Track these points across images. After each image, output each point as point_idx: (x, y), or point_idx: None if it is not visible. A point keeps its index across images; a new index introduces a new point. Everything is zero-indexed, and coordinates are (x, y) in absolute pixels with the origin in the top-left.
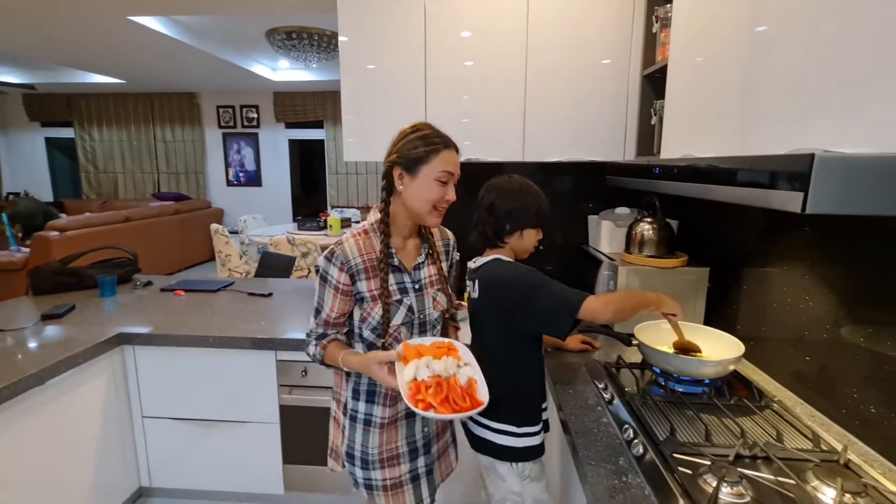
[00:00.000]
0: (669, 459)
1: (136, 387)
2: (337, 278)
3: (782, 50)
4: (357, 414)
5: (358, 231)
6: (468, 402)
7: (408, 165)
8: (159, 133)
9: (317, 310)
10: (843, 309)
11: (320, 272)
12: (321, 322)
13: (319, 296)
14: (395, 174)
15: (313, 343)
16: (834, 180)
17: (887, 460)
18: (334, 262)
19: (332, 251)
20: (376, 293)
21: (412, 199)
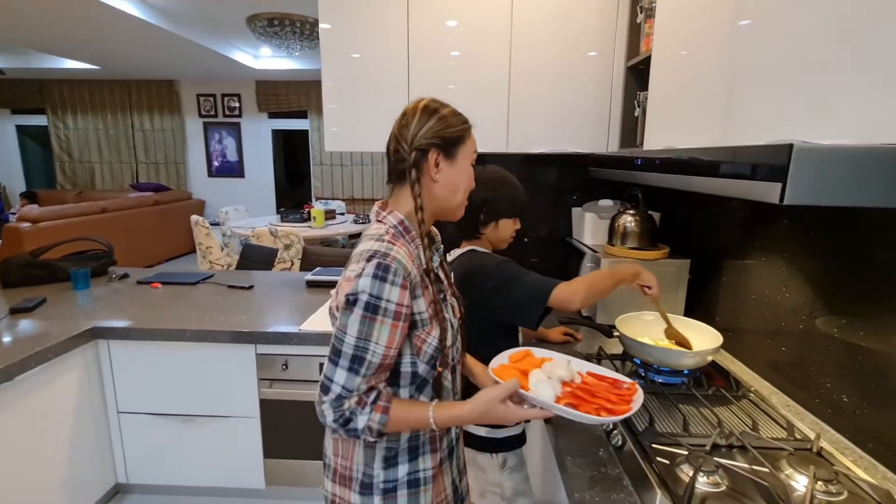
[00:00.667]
0: (648, 450)
1: (111, 382)
2: (399, 301)
3: (763, 42)
4: (397, 482)
5: (387, 235)
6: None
7: (446, 147)
8: (137, 121)
9: (356, 358)
10: (819, 300)
11: (367, 301)
12: (370, 372)
13: (363, 335)
14: (431, 159)
15: (364, 410)
16: (811, 171)
17: (858, 448)
18: (394, 279)
19: (386, 266)
20: (430, 312)
21: (448, 189)
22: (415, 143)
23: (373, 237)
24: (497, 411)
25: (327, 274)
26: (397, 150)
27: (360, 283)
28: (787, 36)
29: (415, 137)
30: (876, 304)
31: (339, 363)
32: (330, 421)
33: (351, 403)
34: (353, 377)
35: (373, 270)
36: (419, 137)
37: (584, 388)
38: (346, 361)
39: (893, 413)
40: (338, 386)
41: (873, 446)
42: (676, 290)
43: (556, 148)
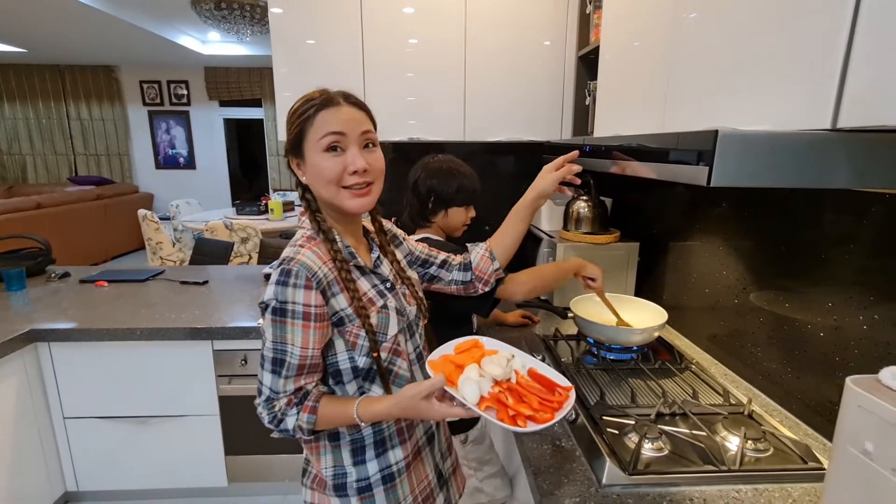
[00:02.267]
0: (599, 422)
1: (54, 387)
2: (305, 301)
3: (698, 35)
4: (369, 479)
5: (301, 239)
6: (556, 394)
7: (294, 150)
8: (73, 110)
9: (277, 360)
10: (751, 277)
11: (273, 306)
12: (291, 373)
13: (279, 339)
14: (293, 166)
15: (292, 411)
16: (734, 155)
17: (784, 409)
18: (295, 281)
19: (287, 270)
20: (358, 306)
21: (315, 186)
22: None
23: (292, 243)
24: (419, 408)
25: None
26: None
27: (269, 290)
28: (717, 31)
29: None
30: (799, 279)
31: (264, 367)
32: (266, 422)
33: (281, 405)
34: (276, 379)
35: (276, 276)
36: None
37: (513, 389)
38: (268, 365)
39: (813, 377)
40: (266, 388)
41: (797, 407)
42: (627, 272)
43: (512, 136)
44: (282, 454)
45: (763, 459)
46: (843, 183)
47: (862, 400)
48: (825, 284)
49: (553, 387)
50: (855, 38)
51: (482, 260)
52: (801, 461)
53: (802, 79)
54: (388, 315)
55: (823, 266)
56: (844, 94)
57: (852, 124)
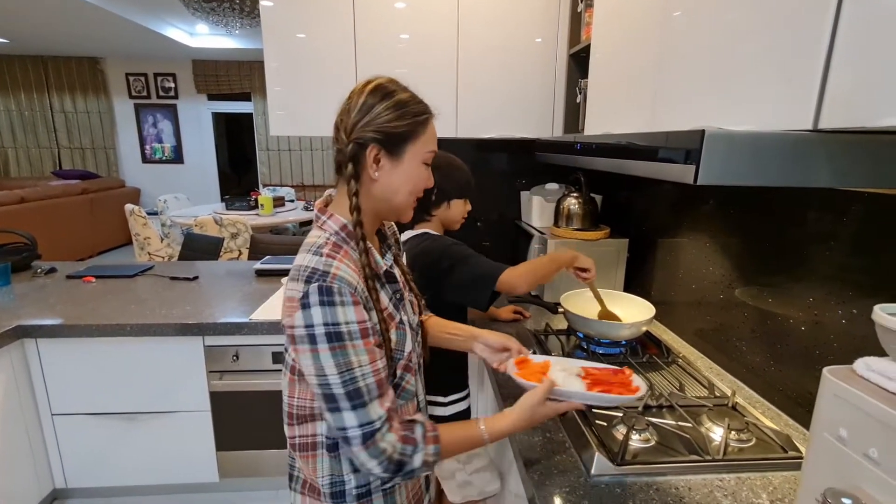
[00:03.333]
0: (588, 414)
1: (41, 383)
2: (359, 319)
3: (686, 35)
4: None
5: (326, 247)
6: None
7: (389, 144)
8: (57, 103)
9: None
10: (736, 273)
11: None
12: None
13: (343, 367)
14: (368, 156)
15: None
16: (720, 155)
17: (766, 401)
18: (342, 299)
19: (329, 289)
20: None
21: (391, 190)
22: (353, 134)
23: (309, 248)
24: (540, 412)
25: (278, 262)
26: (336, 139)
27: (311, 315)
28: (705, 33)
29: (354, 126)
30: (782, 275)
31: (340, 407)
32: (379, 472)
33: (394, 444)
34: (364, 410)
35: (317, 298)
36: (359, 127)
37: (593, 376)
38: (346, 403)
39: (794, 369)
40: (356, 429)
41: (778, 399)
42: (616, 268)
43: (504, 133)
44: (273, 449)
45: (746, 449)
46: (825, 182)
47: (837, 389)
48: (807, 280)
49: (615, 371)
50: (835, 45)
51: None
52: (782, 450)
53: (786, 81)
54: (404, 331)
55: (805, 263)
56: (825, 96)
57: (833, 125)
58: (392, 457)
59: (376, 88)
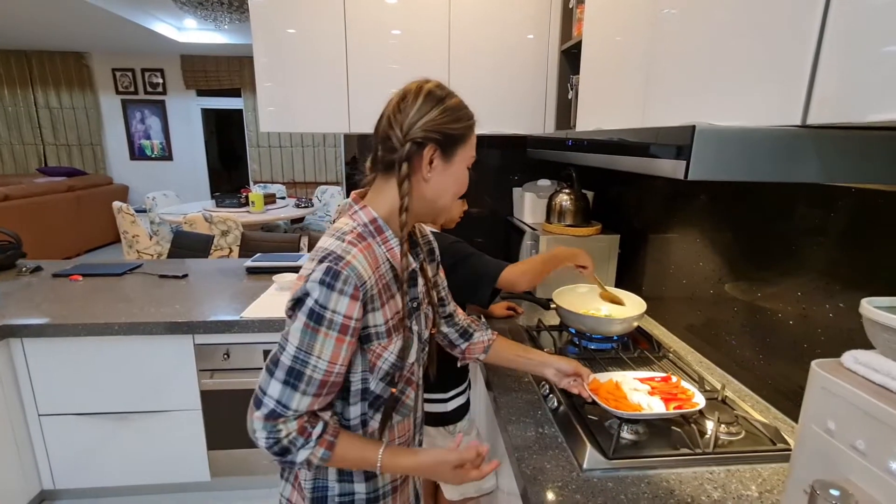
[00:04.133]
0: (580, 409)
1: (28, 383)
2: (347, 313)
3: (677, 30)
4: (353, 497)
5: (350, 234)
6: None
7: (445, 145)
8: (41, 98)
9: (295, 371)
10: (726, 268)
11: (311, 308)
12: (311, 390)
13: (304, 347)
14: (426, 155)
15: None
16: (710, 150)
17: (755, 394)
18: (343, 287)
19: (336, 272)
20: (392, 324)
21: (440, 191)
22: (411, 134)
23: (335, 233)
24: (445, 475)
25: (269, 260)
26: (389, 136)
27: (307, 286)
28: (695, 29)
29: (413, 126)
30: (771, 269)
31: (275, 374)
32: (262, 444)
33: (289, 430)
34: (291, 393)
35: (321, 275)
36: (417, 127)
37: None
38: (282, 373)
39: (783, 363)
40: (271, 400)
41: (767, 392)
42: (608, 264)
43: (496, 130)
44: None
45: (735, 442)
46: (813, 177)
47: (825, 382)
48: (795, 275)
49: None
50: (824, 41)
51: (479, 344)
52: (771, 443)
53: (775, 78)
54: (412, 341)
55: (793, 258)
56: (814, 92)
57: (821, 121)
58: (281, 441)
59: (432, 91)
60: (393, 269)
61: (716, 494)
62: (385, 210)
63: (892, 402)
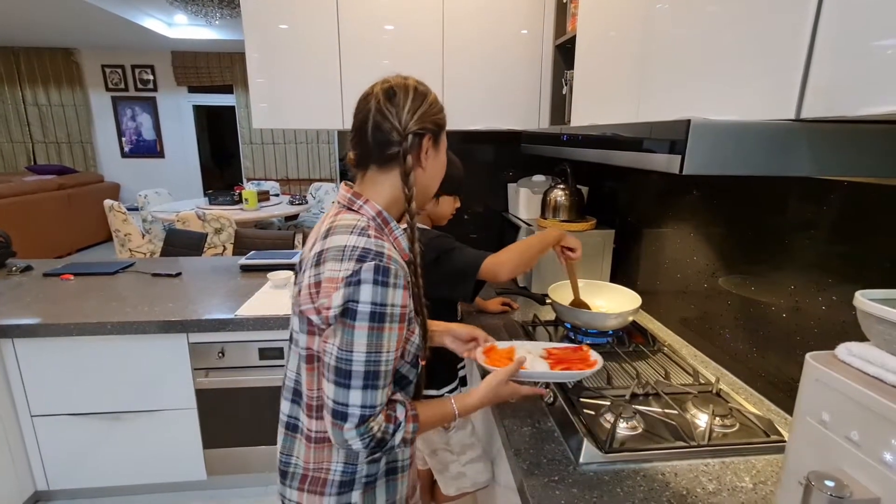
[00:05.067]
0: (576, 403)
1: (19, 384)
2: (403, 303)
3: (671, 25)
4: (378, 474)
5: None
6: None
7: (437, 134)
8: (30, 95)
9: (372, 374)
10: (720, 262)
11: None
12: (386, 383)
13: (374, 348)
14: (424, 145)
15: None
16: (705, 144)
17: (749, 387)
18: (396, 281)
19: (386, 269)
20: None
21: (433, 177)
22: (410, 127)
23: (350, 230)
24: (504, 391)
25: (263, 257)
26: (385, 131)
27: (360, 292)
28: (689, 23)
29: (411, 120)
30: (764, 263)
31: (351, 384)
32: (361, 448)
33: (380, 424)
34: (374, 393)
35: (372, 276)
36: (415, 120)
37: (555, 355)
38: (359, 381)
39: (776, 356)
40: (356, 409)
41: (760, 385)
42: (603, 259)
43: (490, 125)
44: (261, 446)
45: (730, 434)
46: (807, 171)
47: (820, 374)
48: (788, 268)
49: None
50: (817, 35)
51: None
52: (765, 435)
53: (769, 72)
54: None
55: (786, 251)
56: (808, 86)
57: (815, 115)
58: (376, 436)
59: (417, 87)
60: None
61: (711, 486)
62: (385, 202)
63: (886, 393)
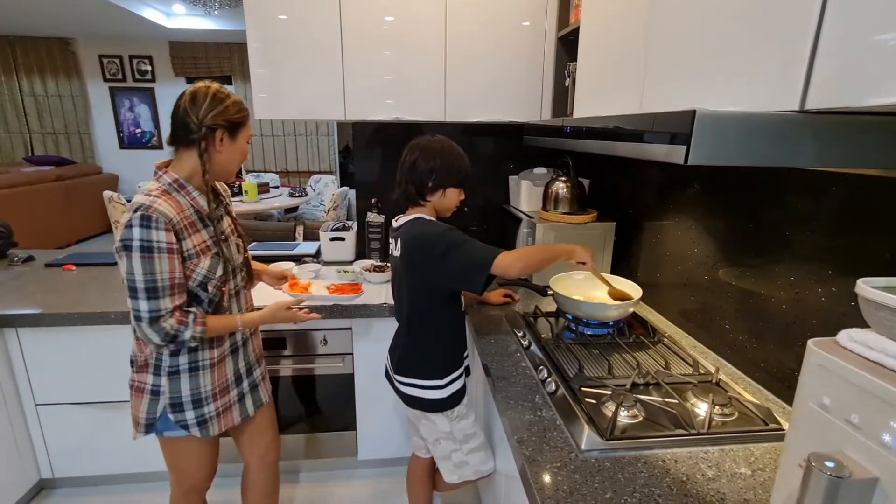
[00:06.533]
0: (577, 392)
1: (23, 373)
2: (167, 240)
3: (675, 16)
4: (179, 367)
5: (155, 191)
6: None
7: (231, 129)
8: (26, 85)
9: (150, 289)
10: (720, 254)
11: (140, 245)
12: (166, 293)
13: (148, 272)
14: (217, 136)
15: (188, 326)
16: (710, 135)
17: (748, 377)
18: (157, 224)
19: (149, 217)
20: (199, 249)
21: (229, 161)
22: (205, 122)
23: (145, 192)
24: (283, 315)
25: (263, 249)
26: (186, 123)
27: (132, 232)
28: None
29: (205, 117)
30: (764, 255)
31: (138, 297)
32: (157, 340)
33: (171, 324)
34: (156, 301)
35: (139, 221)
36: (209, 118)
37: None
38: (143, 294)
39: (775, 346)
40: (146, 313)
41: (759, 375)
42: (604, 251)
43: (492, 117)
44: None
45: (729, 423)
46: (810, 162)
47: (821, 359)
48: (788, 260)
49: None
50: (823, 26)
51: None
52: (763, 423)
53: (774, 63)
54: (218, 261)
55: (786, 243)
56: (812, 77)
57: (819, 106)
58: (168, 332)
59: (218, 91)
60: (197, 212)
61: (710, 473)
62: (186, 173)
63: (886, 377)
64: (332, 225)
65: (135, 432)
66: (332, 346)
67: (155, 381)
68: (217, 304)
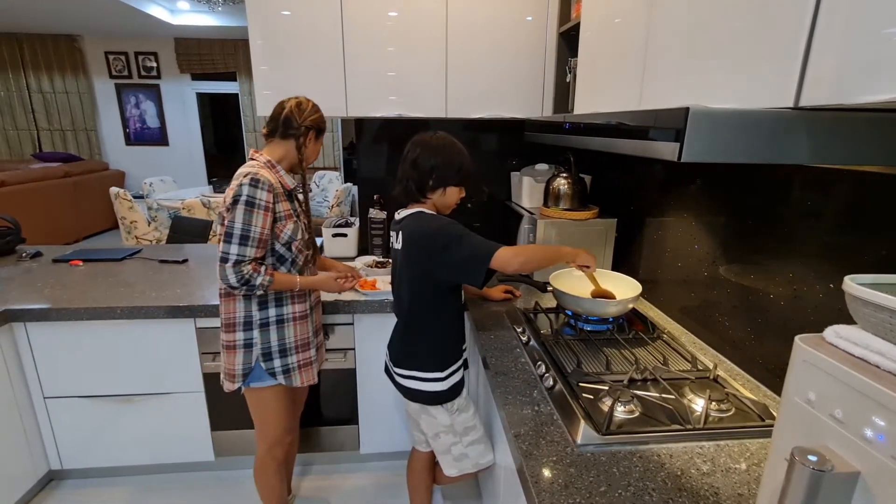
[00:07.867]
0: (575, 388)
1: (32, 367)
2: (267, 200)
3: (674, 12)
4: (269, 319)
5: (258, 166)
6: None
7: (318, 132)
8: (34, 82)
9: (244, 237)
10: (720, 251)
11: (246, 199)
12: (254, 244)
13: (247, 222)
14: (310, 135)
15: (260, 274)
16: (703, 132)
17: (746, 373)
18: (262, 185)
19: (257, 179)
20: (285, 214)
21: (311, 153)
22: (305, 123)
23: (247, 166)
24: (332, 284)
25: None
26: (290, 121)
27: (242, 189)
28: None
29: (306, 120)
30: (764, 252)
31: (231, 241)
32: (234, 282)
33: (248, 269)
34: (244, 248)
35: (248, 181)
36: (309, 121)
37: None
38: (236, 239)
39: (772, 342)
40: (233, 255)
41: (757, 371)
42: (605, 247)
43: (494, 113)
44: None
45: (725, 419)
46: (805, 159)
47: (807, 355)
48: (787, 257)
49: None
50: (817, 25)
51: None
52: (760, 419)
53: (769, 60)
54: (299, 227)
55: (786, 240)
56: (807, 74)
57: (813, 103)
58: (244, 276)
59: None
60: (283, 186)
61: (705, 467)
62: (277, 156)
63: (869, 373)
64: (335, 221)
65: (231, 385)
66: (334, 341)
67: (247, 336)
68: (300, 267)
